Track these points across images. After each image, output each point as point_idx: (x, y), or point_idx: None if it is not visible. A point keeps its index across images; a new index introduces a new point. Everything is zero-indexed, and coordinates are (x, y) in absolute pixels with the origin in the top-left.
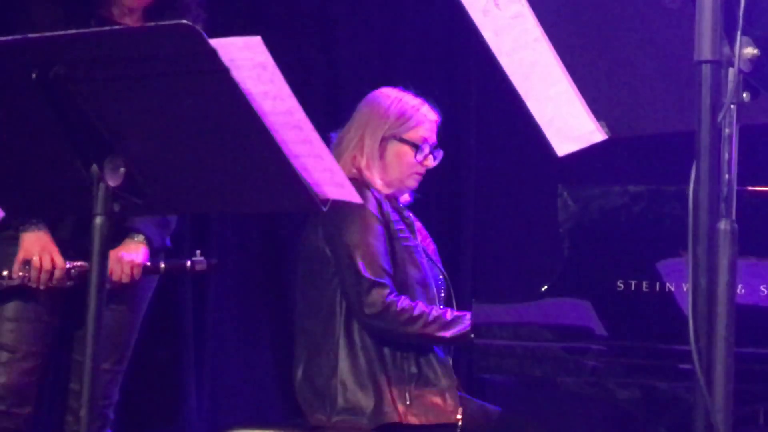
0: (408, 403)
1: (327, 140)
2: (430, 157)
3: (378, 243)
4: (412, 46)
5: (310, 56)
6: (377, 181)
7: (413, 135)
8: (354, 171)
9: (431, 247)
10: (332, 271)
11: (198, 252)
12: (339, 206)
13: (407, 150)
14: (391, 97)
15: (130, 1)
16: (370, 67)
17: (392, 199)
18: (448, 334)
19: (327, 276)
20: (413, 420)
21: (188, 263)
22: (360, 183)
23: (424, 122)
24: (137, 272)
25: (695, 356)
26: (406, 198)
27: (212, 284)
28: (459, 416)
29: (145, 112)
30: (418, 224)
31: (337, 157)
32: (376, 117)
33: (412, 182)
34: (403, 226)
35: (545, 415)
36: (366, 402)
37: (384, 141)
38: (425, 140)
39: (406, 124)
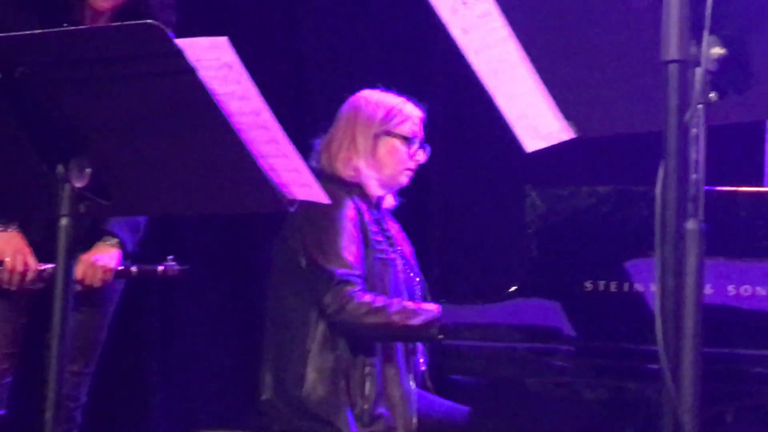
0: (365, 422)
1: (308, 147)
2: (421, 151)
3: (350, 242)
4: (380, 47)
5: (278, 57)
6: (372, 182)
7: (403, 129)
8: (352, 173)
9: (409, 250)
10: (307, 276)
11: (170, 257)
12: (316, 210)
13: (399, 144)
14: (375, 96)
15: (98, 3)
16: (338, 68)
17: (374, 207)
18: (414, 322)
19: (302, 282)
20: None
21: (160, 268)
22: (343, 187)
23: (411, 117)
24: (109, 277)
25: (662, 356)
26: (391, 202)
27: (179, 287)
28: None
29: (111, 113)
30: (396, 228)
31: (330, 160)
32: (364, 116)
33: (404, 178)
34: (381, 238)
35: (514, 415)
36: (326, 414)
37: (376, 138)
38: (414, 134)
39: (394, 120)
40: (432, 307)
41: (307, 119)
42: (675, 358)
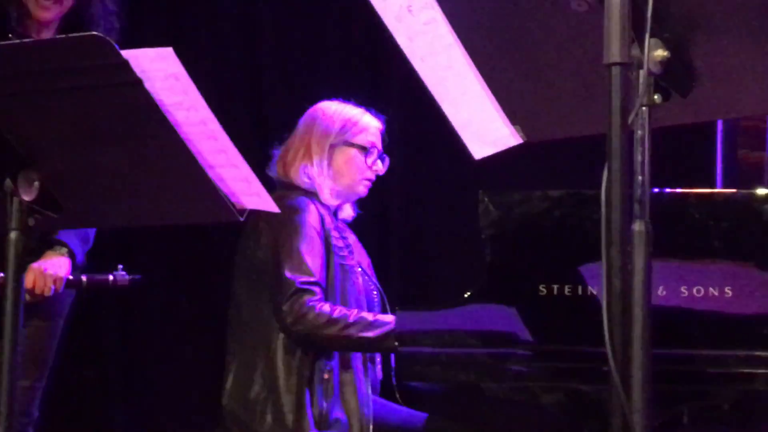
0: (322, 426)
1: (267, 157)
2: (379, 162)
3: (311, 250)
4: (336, 55)
5: (234, 66)
6: (326, 192)
7: (360, 139)
8: (306, 180)
9: (366, 261)
10: (268, 282)
11: (120, 267)
12: (279, 219)
13: (356, 154)
14: (333, 107)
15: (39, 15)
16: (293, 77)
17: (332, 215)
18: (371, 334)
19: (264, 290)
20: None
21: (110, 278)
22: (304, 194)
23: (368, 128)
24: (59, 286)
25: (611, 357)
26: (349, 213)
27: (138, 296)
28: None
29: (59, 125)
30: (353, 238)
31: (285, 169)
32: (321, 126)
33: (362, 188)
34: (341, 245)
35: (472, 420)
36: (288, 420)
37: (332, 148)
38: (373, 145)
39: (352, 130)
40: (389, 319)
41: (263, 129)
42: (624, 359)
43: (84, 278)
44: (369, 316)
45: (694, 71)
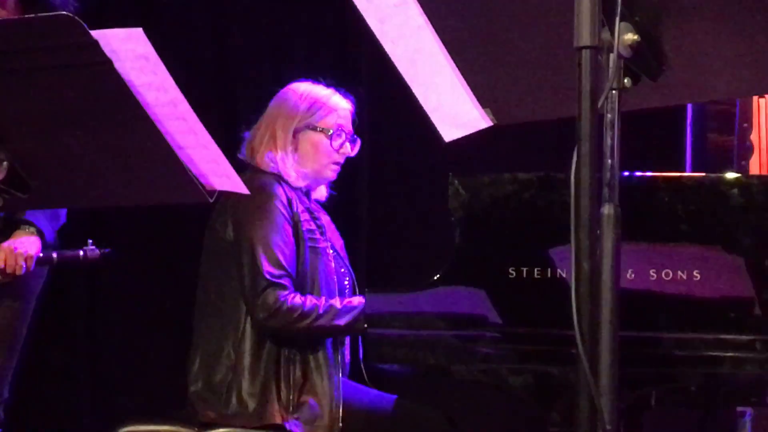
0: (291, 410)
1: (236, 140)
2: (347, 144)
3: (282, 242)
4: (304, 37)
5: (202, 48)
6: (291, 174)
7: (326, 123)
8: (271, 164)
9: (339, 243)
10: (237, 269)
11: (90, 241)
12: (247, 201)
13: (321, 138)
14: (300, 89)
15: None
16: (262, 60)
17: (304, 196)
18: (342, 321)
19: (233, 272)
20: (295, 429)
21: (81, 253)
22: (272, 177)
23: (336, 109)
24: (30, 264)
25: (578, 340)
26: (322, 193)
27: (104, 279)
28: (340, 425)
29: (27, 106)
30: (326, 219)
31: (252, 153)
32: (285, 110)
33: (330, 173)
34: (313, 227)
35: (441, 402)
36: (254, 403)
37: (297, 133)
38: (340, 127)
39: (317, 114)
40: (357, 302)
41: (231, 111)
42: (592, 342)
43: (54, 255)
44: (337, 303)
45: (664, 55)
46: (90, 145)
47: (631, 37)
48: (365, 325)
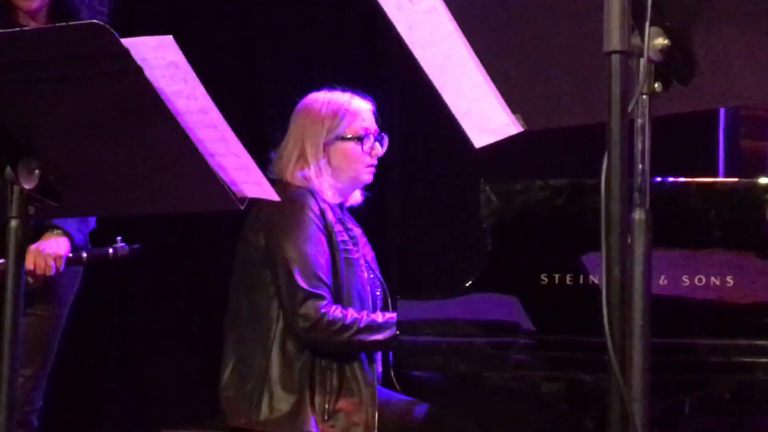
0: (326, 417)
1: (261, 146)
2: (377, 144)
3: (318, 253)
4: (332, 44)
5: (229, 56)
6: (327, 190)
7: (353, 129)
8: (305, 182)
9: (370, 255)
10: (270, 277)
11: (119, 238)
12: (282, 212)
13: (352, 145)
14: (320, 100)
15: (23, 5)
16: (290, 66)
17: (337, 207)
18: (381, 336)
19: (265, 281)
20: None
21: (110, 251)
22: (305, 190)
23: (359, 113)
24: (60, 264)
25: (610, 346)
26: (357, 198)
27: (136, 285)
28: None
29: (59, 114)
30: (358, 231)
31: (283, 172)
32: (311, 125)
33: (367, 176)
34: (346, 238)
35: (473, 409)
36: (288, 411)
37: (327, 146)
38: (366, 130)
39: (343, 122)
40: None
41: (258, 118)
42: (623, 348)
43: (84, 254)
44: (378, 317)
45: (695, 59)
46: (121, 154)
47: (661, 41)
48: (397, 332)
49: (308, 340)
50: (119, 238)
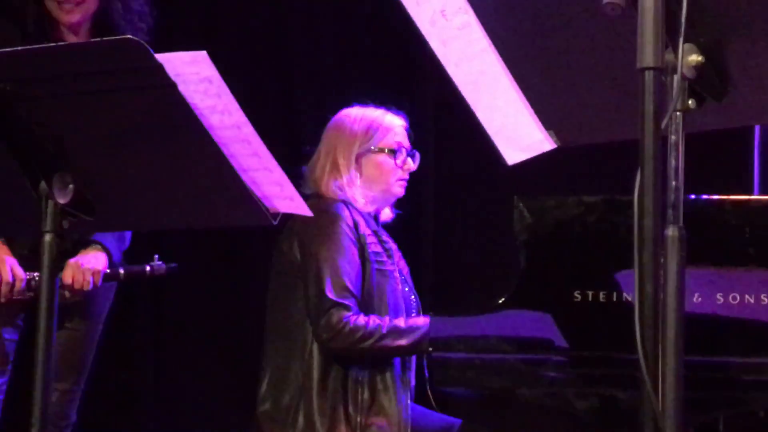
0: (357, 430)
1: (295, 161)
2: (409, 159)
3: (347, 263)
4: (367, 59)
5: (265, 72)
6: (360, 200)
7: (386, 142)
8: (339, 192)
9: (405, 270)
10: (303, 289)
11: (156, 257)
12: (316, 223)
13: (384, 158)
14: (352, 115)
15: (64, 19)
16: (325, 82)
17: (373, 220)
18: (405, 341)
19: (300, 293)
20: None
21: (147, 268)
22: (339, 201)
23: (392, 128)
24: (97, 279)
25: (642, 362)
26: (388, 215)
27: (170, 298)
28: None
29: (94, 128)
30: (394, 246)
31: (316, 184)
32: (344, 138)
33: (399, 189)
34: (380, 249)
35: (506, 426)
36: (322, 424)
37: (359, 158)
38: (399, 145)
39: (376, 135)
40: (422, 322)
41: (293, 134)
42: (657, 365)
43: (121, 270)
44: (401, 323)
45: (729, 76)
46: (154, 168)
47: (695, 58)
48: (430, 348)
49: (331, 350)
50: (156, 256)
